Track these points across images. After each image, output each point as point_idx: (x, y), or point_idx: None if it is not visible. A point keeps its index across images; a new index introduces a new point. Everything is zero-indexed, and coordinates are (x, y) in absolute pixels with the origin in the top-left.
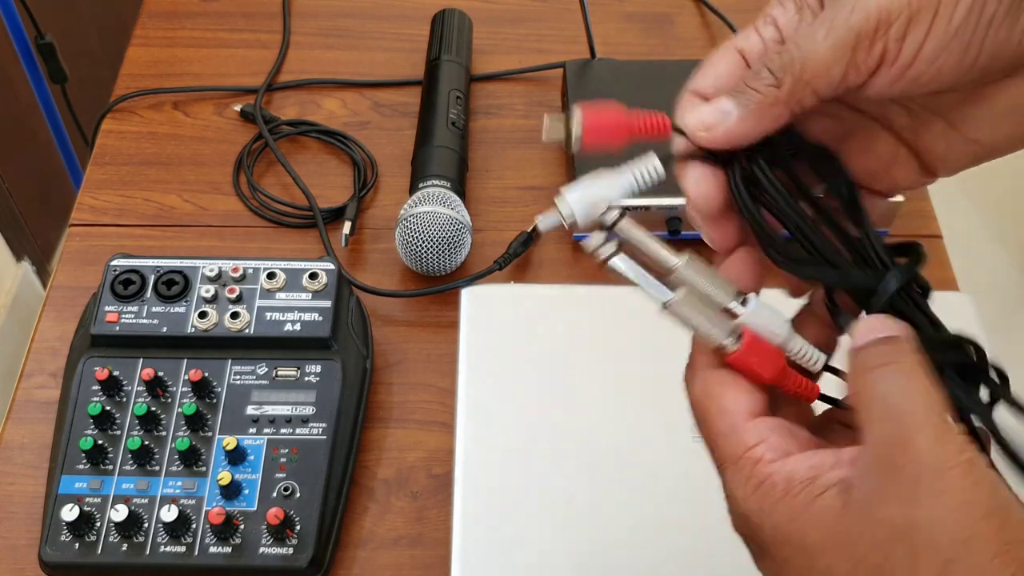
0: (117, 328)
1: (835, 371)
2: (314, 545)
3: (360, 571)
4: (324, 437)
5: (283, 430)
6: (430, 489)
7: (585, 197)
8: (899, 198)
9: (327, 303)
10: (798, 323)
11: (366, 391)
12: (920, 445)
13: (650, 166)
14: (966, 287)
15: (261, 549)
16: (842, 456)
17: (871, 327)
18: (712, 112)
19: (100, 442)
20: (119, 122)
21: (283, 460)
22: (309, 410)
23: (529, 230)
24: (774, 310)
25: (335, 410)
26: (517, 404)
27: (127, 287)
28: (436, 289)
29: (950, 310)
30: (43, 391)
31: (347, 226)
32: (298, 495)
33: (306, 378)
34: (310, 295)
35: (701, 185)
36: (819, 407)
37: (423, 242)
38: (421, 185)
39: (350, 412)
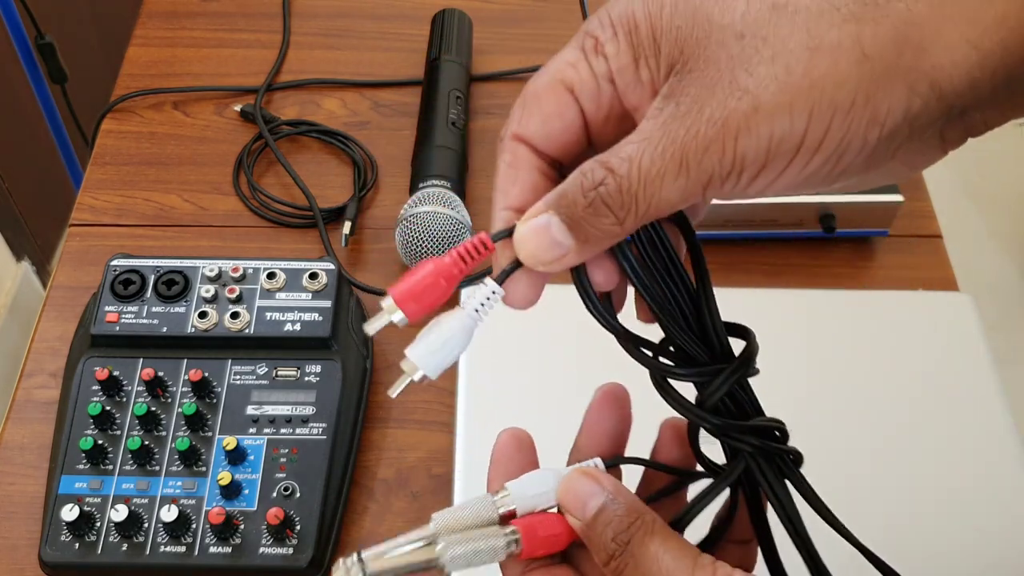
0: (117, 328)
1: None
2: (314, 545)
3: None
4: (324, 437)
5: (283, 430)
6: (430, 489)
7: (431, 353)
8: (899, 198)
9: (327, 303)
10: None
11: (366, 391)
12: None
13: (489, 293)
14: (966, 287)
15: (261, 549)
16: None
17: (577, 496)
18: (545, 245)
19: (100, 442)
20: (119, 122)
21: (283, 460)
22: (309, 410)
23: None
24: (535, 478)
25: (335, 410)
26: (517, 404)
27: (127, 287)
28: None
29: (950, 310)
30: (43, 391)
31: (347, 226)
32: (298, 495)
33: (306, 378)
34: (310, 295)
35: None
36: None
37: (423, 242)
38: (421, 185)
39: (350, 412)
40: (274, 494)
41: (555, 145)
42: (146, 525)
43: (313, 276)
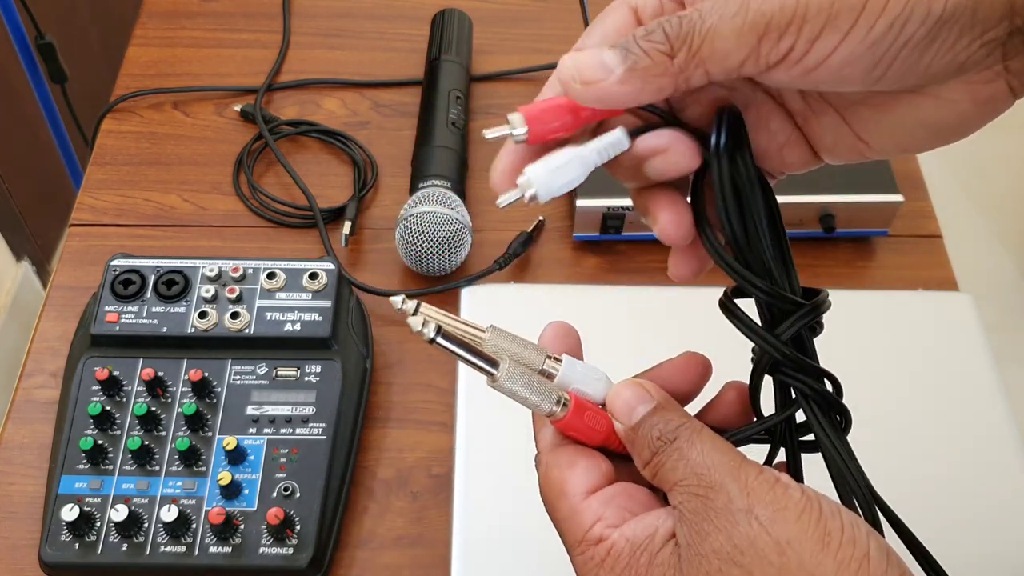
0: (117, 328)
1: None
2: (314, 545)
3: (360, 571)
4: (324, 437)
5: (283, 430)
6: (430, 489)
7: (548, 172)
8: (899, 198)
9: (327, 303)
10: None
11: (366, 391)
12: (721, 480)
13: (614, 139)
14: (966, 287)
15: (261, 549)
16: (673, 512)
17: (627, 401)
18: (592, 64)
19: (100, 442)
20: (119, 122)
21: (283, 460)
22: (309, 410)
23: (529, 230)
24: (589, 367)
25: (335, 410)
26: (517, 404)
27: (127, 287)
28: (436, 289)
29: (950, 310)
30: (43, 391)
31: (347, 226)
32: (298, 495)
33: (306, 378)
34: (310, 295)
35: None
36: None
37: (423, 242)
38: (421, 185)
39: (350, 412)
40: (274, 494)
41: None
42: (146, 525)
43: (313, 276)
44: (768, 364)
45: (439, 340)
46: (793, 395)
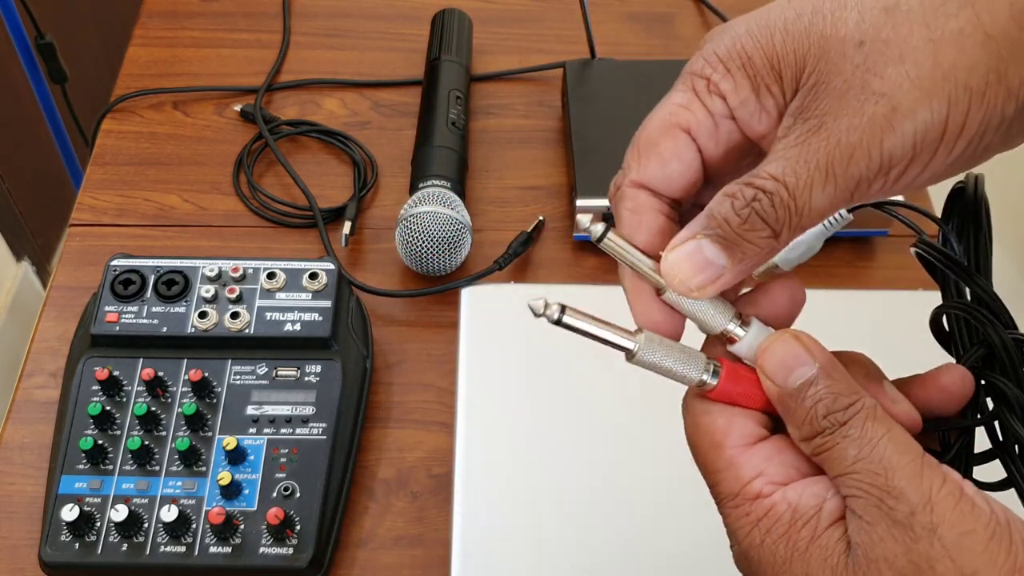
0: (117, 328)
1: None
2: (314, 545)
3: (360, 571)
4: (324, 437)
5: (283, 430)
6: (430, 489)
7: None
8: (899, 197)
9: (327, 303)
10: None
11: (366, 391)
12: (902, 487)
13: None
14: None
15: (261, 549)
16: (842, 498)
17: (782, 360)
18: (698, 268)
19: (100, 442)
20: (119, 122)
21: (283, 460)
22: (309, 410)
23: (529, 230)
24: (765, 330)
25: (335, 410)
26: (517, 404)
27: (127, 287)
28: (436, 289)
29: None
30: (43, 391)
31: (347, 226)
32: (298, 495)
33: (306, 378)
34: (310, 295)
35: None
36: None
37: (423, 242)
38: (421, 185)
39: (350, 412)
40: (274, 494)
41: (676, 187)
42: (146, 525)
43: (313, 276)
44: (1010, 348)
45: (565, 319)
46: (990, 404)
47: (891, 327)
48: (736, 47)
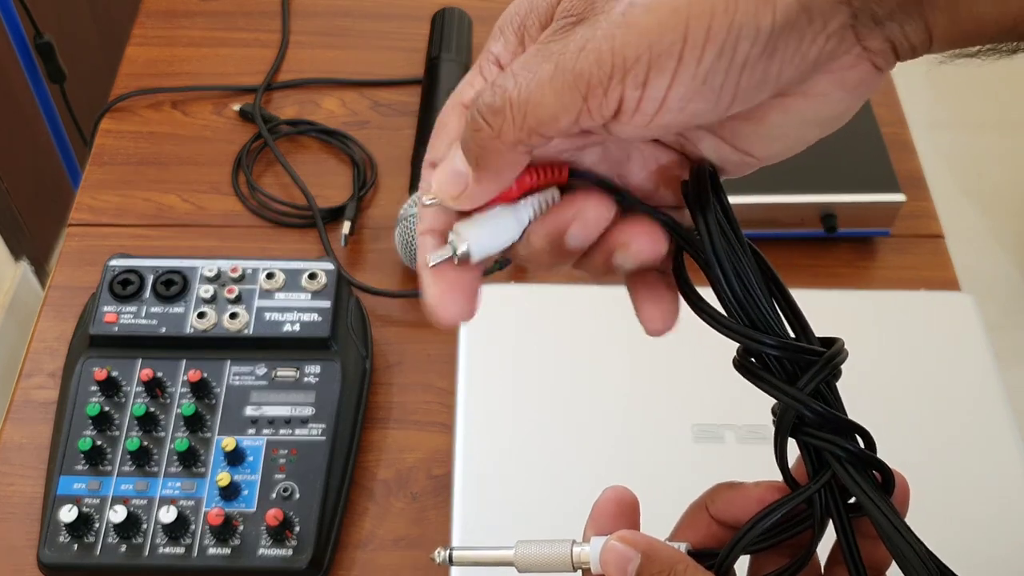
0: (116, 328)
1: None
2: (313, 546)
3: (360, 572)
4: (323, 438)
5: (282, 431)
6: (430, 490)
7: (478, 226)
8: (901, 197)
9: (326, 303)
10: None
11: (366, 391)
12: None
13: (549, 197)
14: (967, 287)
15: (260, 550)
16: None
17: (617, 563)
18: (450, 178)
19: (99, 443)
20: (118, 122)
21: (282, 461)
22: (308, 411)
23: None
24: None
25: (334, 411)
26: (517, 404)
27: (126, 287)
28: None
29: (952, 311)
30: (42, 391)
31: (346, 226)
32: (297, 496)
33: (305, 379)
34: (309, 295)
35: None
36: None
37: None
38: (421, 184)
39: (349, 413)
40: (273, 495)
41: None
42: (145, 526)
43: (312, 276)
44: (792, 422)
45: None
46: (818, 459)
47: (891, 327)
48: (511, 12)
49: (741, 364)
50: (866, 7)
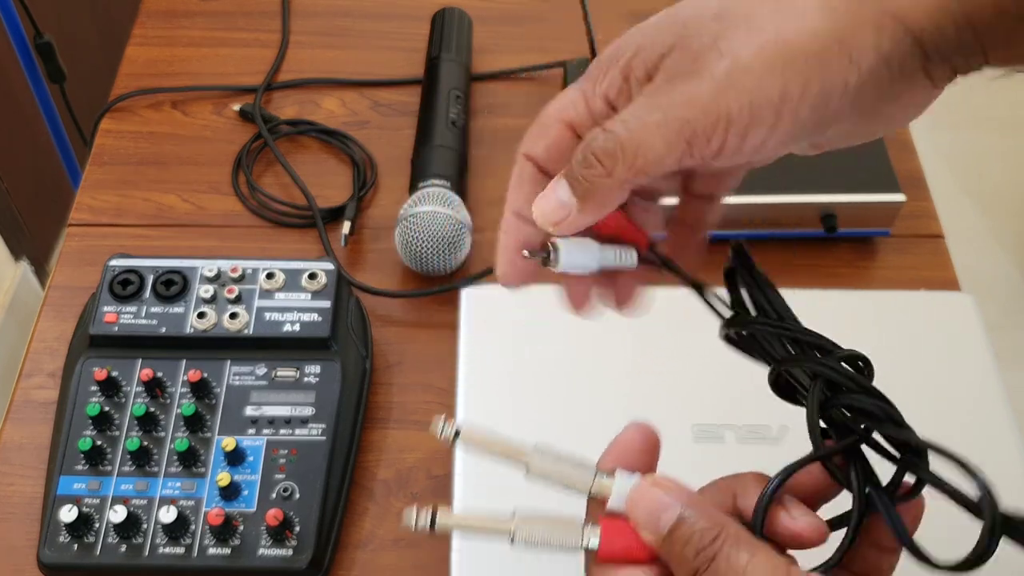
0: (116, 328)
1: None
2: (314, 546)
3: (360, 572)
4: (323, 438)
5: (282, 431)
6: (430, 490)
7: (575, 255)
8: (901, 197)
9: (326, 303)
10: None
11: (366, 391)
12: None
13: (626, 254)
14: (967, 287)
15: (260, 550)
16: None
17: (648, 511)
18: (554, 207)
19: (99, 443)
20: (118, 122)
21: (282, 461)
22: (308, 411)
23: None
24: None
25: (334, 411)
26: (517, 404)
27: (126, 287)
28: (436, 289)
29: (952, 311)
30: (41, 391)
31: (346, 226)
32: (297, 496)
33: (305, 379)
34: (309, 295)
35: None
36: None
37: (423, 242)
38: (421, 185)
39: (349, 413)
40: (273, 495)
41: (556, 166)
42: (145, 526)
43: (312, 276)
44: (823, 390)
45: (438, 521)
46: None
47: (892, 328)
48: (615, 51)
49: (730, 328)
50: (936, 49)
